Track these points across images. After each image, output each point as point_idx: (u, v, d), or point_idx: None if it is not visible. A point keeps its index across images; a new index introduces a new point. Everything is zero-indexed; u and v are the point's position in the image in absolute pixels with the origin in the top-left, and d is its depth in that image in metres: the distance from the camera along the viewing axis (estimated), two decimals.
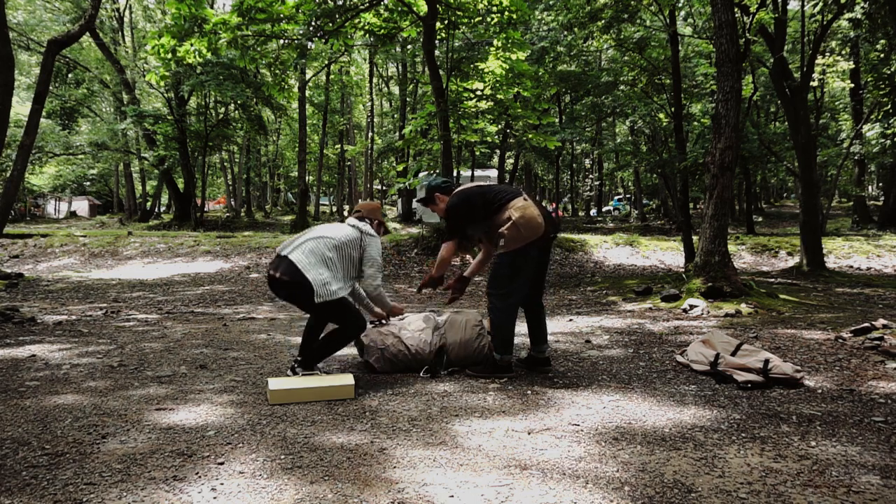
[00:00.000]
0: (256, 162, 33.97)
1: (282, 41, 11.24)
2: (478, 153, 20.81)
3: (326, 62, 23.55)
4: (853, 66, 18.18)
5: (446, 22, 12.21)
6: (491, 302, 3.73)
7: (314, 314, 3.62)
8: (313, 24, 10.52)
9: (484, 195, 3.72)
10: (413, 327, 3.90)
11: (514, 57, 12.22)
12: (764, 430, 2.76)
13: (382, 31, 12.06)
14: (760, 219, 26.98)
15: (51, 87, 19.62)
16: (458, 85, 13.60)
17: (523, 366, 3.98)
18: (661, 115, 15.73)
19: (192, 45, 9.50)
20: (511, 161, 30.14)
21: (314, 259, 3.48)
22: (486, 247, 3.95)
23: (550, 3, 14.46)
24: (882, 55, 14.11)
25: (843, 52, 19.62)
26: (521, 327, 4.19)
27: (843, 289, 8.78)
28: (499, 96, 13.27)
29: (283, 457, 2.47)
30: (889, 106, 15.10)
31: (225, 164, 33.68)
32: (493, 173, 22.45)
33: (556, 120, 20.76)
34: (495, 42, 12.34)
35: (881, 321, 4.66)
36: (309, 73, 24.49)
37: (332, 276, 3.48)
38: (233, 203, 33.84)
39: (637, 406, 3.16)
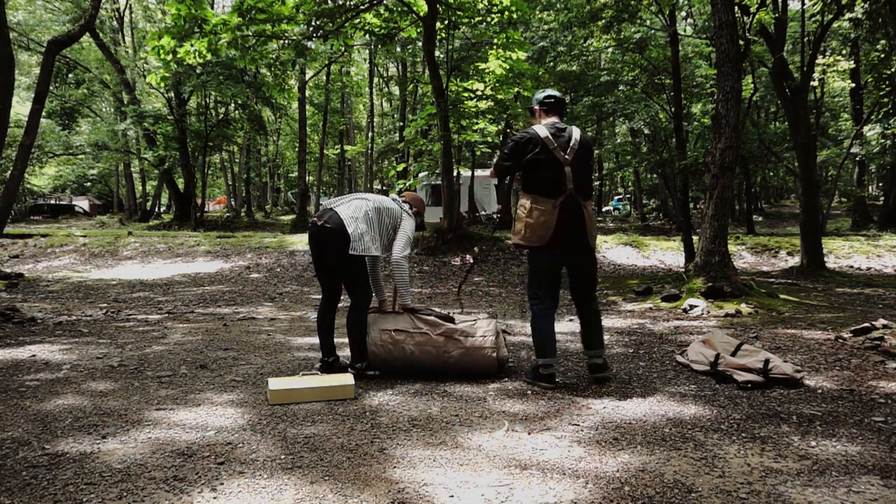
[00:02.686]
0: (256, 162, 33.96)
1: (282, 41, 11.23)
2: (478, 153, 20.79)
3: (326, 62, 23.52)
4: (853, 66, 18.16)
5: (446, 22, 12.20)
6: (528, 304, 3.77)
7: (340, 268, 3.71)
8: (313, 23, 10.51)
9: (535, 160, 3.44)
10: (425, 359, 3.72)
11: (514, 57, 12.22)
12: (764, 430, 2.76)
13: (382, 31, 12.05)
14: (760, 219, 26.97)
15: (51, 87, 19.59)
16: (458, 85, 13.59)
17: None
18: (661, 116, 15.72)
19: (192, 45, 9.49)
20: None
21: (358, 214, 3.69)
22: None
23: (551, 1, 14.45)
24: (882, 55, 14.09)
25: (843, 52, 19.62)
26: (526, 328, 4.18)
27: (843, 289, 8.78)
28: (499, 96, 13.27)
29: (283, 457, 2.47)
30: (889, 106, 15.09)
31: (225, 164, 33.65)
32: None
33: None
34: (495, 41, 12.34)
35: (881, 321, 4.66)
36: (309, 74, 24.47)
37: (370, 233, 3.67)
38: (233, 203, 33.81)
39: (637, 406, 3.16)
